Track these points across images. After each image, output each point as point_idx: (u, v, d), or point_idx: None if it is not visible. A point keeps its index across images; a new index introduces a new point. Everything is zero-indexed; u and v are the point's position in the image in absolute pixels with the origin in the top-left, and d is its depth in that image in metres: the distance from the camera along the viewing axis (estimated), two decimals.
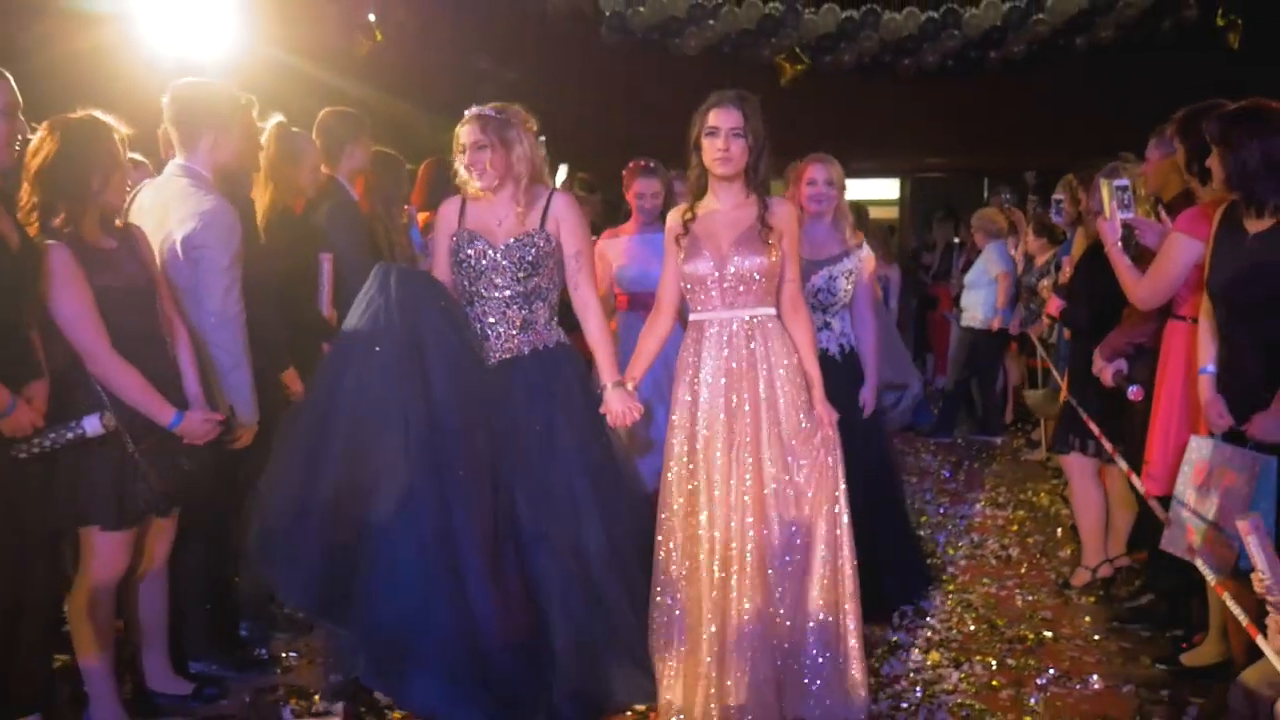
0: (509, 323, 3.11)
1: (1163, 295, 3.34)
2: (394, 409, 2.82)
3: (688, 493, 3.06)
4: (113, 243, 2.82)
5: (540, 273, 3.11)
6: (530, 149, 3.12)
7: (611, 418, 3.13)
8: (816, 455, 3.03)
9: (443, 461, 2.85)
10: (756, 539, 2.96)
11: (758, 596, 2.94)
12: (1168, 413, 3.36)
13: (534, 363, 3.11)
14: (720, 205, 3.11)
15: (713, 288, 3.06)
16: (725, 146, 3.00)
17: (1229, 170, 2.96)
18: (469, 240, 3.10)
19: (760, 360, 3.05)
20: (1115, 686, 3.28)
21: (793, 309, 3.14)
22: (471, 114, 3.09)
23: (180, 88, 3.24)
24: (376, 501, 2.79)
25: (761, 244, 3.04)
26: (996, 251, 7.17)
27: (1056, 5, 10.74)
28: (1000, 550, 4.70)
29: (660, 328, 3.23)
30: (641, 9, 11.34)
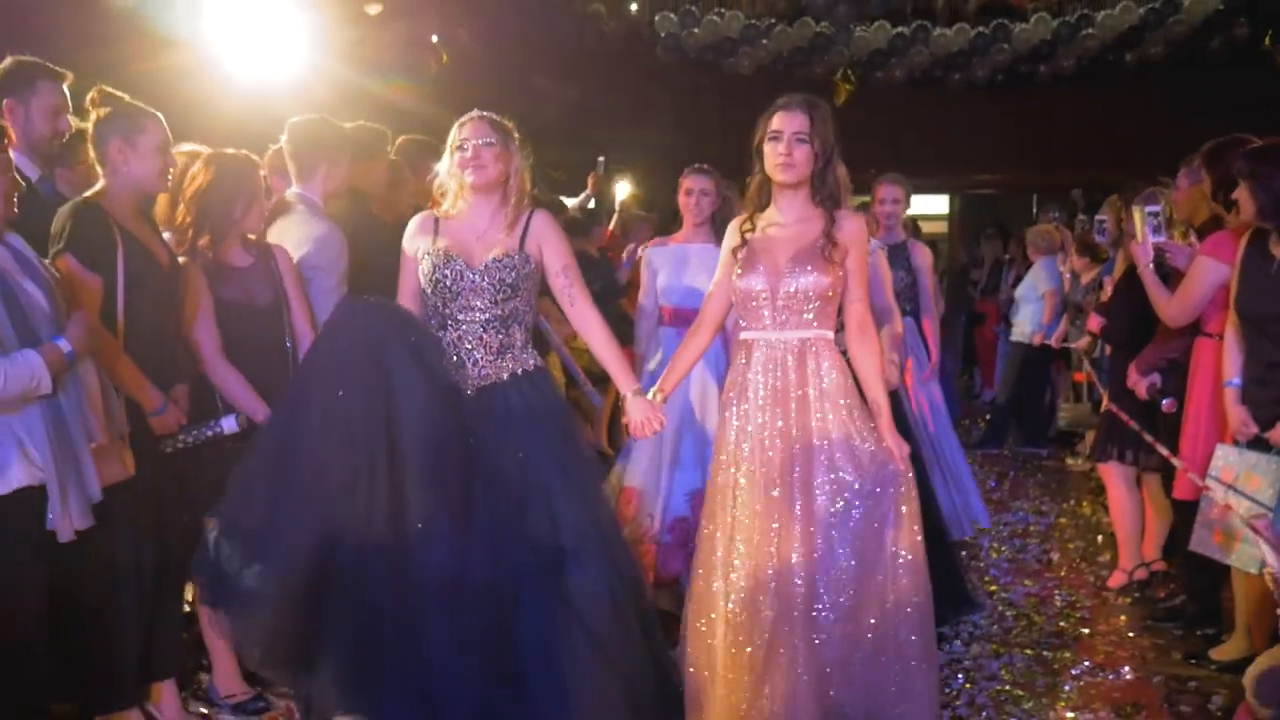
0: (486, 347, 2.94)
1: (1191, 313, 3.59)
2: (359, 460, 2.63)
3: (723, 532, 2.87)
4: (249, 260, 3.18)
5: (519, 295, 2.96)
6: (523, 169, 3.02)
7: (633, 427, 2.97)
8: (880, 491, 2.74)
9: (407, 510, 2.65)
10: (789, 598, 2.71)
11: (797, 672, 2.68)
12: (1196, 422, 3.61)
13: (513, 388, 2.95)
14: (783, 218, 2.90)
15: (764, 306, 2.85)
16: (788, 151, 2.79)
17: (1260, 201, 3.22)
18: (445, 260, 2.92)
19: (812, 387, 2.82)
20: (1146, 678, 3.51)
21: (860, 331, 2.90)
22: (475, 114, 2.99)
23: (295, 124, 3.61)
24: (339, 554, 2.62)
25: (823, 261, 2.81)
26: (1046, 268, 7.37)
27: (1107, 21, 10.84)
28: (1042, 554, 4.93)
29: (699, 342, 3.05)
30: (696, 30, 11.64)
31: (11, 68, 3.05)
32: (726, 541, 2.84)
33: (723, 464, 2.91)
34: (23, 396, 2.34)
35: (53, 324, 2.43)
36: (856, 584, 2.71)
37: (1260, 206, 3.24)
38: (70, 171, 3.18)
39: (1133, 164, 7.79)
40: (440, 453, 2.72)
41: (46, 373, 2.35)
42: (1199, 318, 3.63)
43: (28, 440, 2.36)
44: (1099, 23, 10.83)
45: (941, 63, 11.20)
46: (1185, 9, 10.69)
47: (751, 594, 2.75)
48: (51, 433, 2.39)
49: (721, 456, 2.93)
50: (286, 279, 3.24)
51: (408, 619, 2.63)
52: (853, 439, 2.78)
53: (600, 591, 2.82)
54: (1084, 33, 10.83)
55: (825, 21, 11.06)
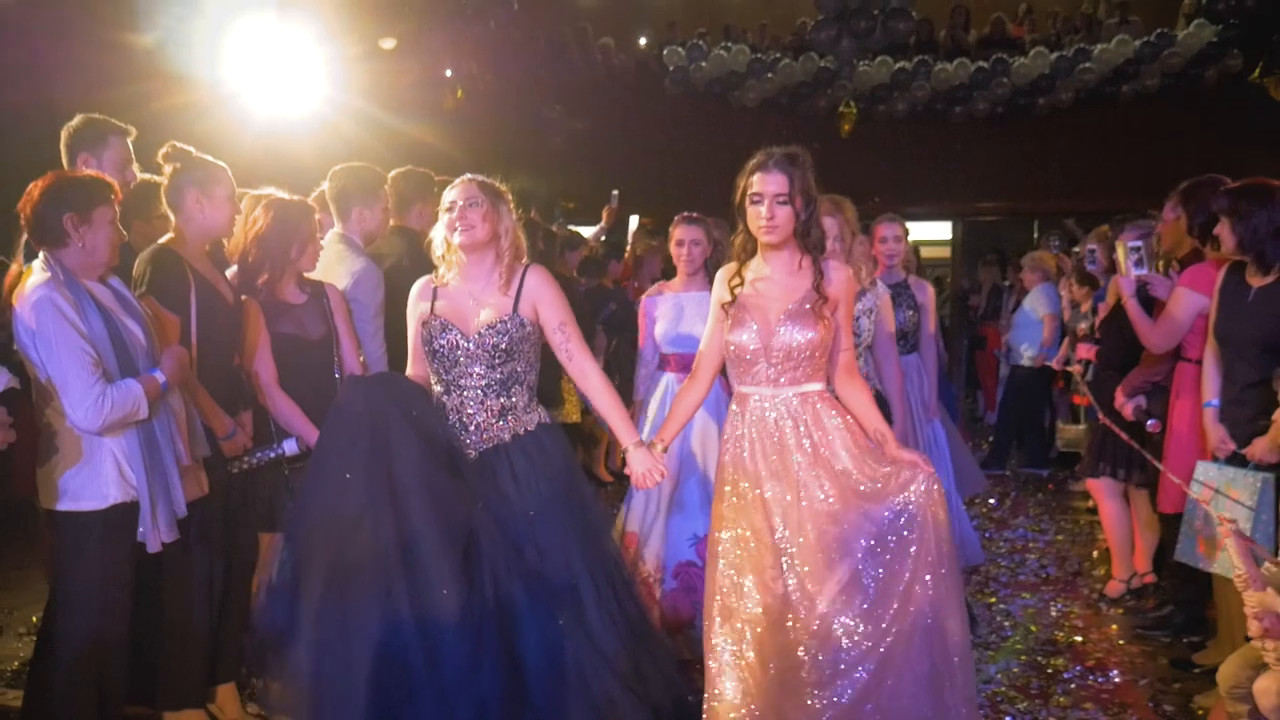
0: (488, 411, 2.98)
1: (1172, 340, 3.87)
2: (366, 540, 2.68)
3: (728, 577, 2.85)
4: (303, 297, 3.47)
5: (515, 358, 2.99)
6: (515, 229, 3.06)
7: (635, 479, 2.98)
8: (900, 501, 2.73)
9: (419, 585, 2.68)
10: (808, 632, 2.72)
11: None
12: (1178, 441, 3.87)
13: (517, 449, 2.98)
14: (771, 272, 2.91)
15: (757, 361, 2.86)
16: (770, 215, 2.81)
17: (1240, 235, 3.50)
18: (441, 330, 2.98)
19: (813, 438, 2.83)
20: (1133, 681, 3.76)
21: (848, 378, 2.96)
22: (466, 178, 3.04)
23: (336, 172, 3.93)
24: (357, 635, 2.66)
25: (814, 317, 2.83)
26: (1045, 293, 7.63)
27: (1103, 54, 11.17)
28: (1039, 569, 5.18)
29: (696, 393, 3.06)
30: (703, 64, 11.98)
31: (83, 125, 3.35)
32: (737, 597, 2.81)
33: (726, 522, 2.88)
34: (123, 421, 2.62)
35: (148, 357, 2.73)
36: (888, 612, 2.68)
37: (1239, 240, 3.51)
38: (147, 225, 3.46)
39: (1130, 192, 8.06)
40: (448, 518, 2.74)
41: (145, 401, 2.64)
42: (1180, 344, 3.91)
43: (124, 460, 2.65)
44: (1096, 56, 11.18)
45: (943, 96, 11.53)
46: (1180, 42, 11.02)
47: (778, 644, 2.74)
48: (145, 454, 2.67)
49: (722, 510, 2.90)
50: (337, 315, 3.52)
51: (433, 688, 2.65)
52: (865, 456, 2.80)
53: (616, 649, 2.86)
54: (1081, 66, 11.17)
55: (829, 56, 11.38)
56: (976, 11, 12.39)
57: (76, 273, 2.66)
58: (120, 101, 6.71)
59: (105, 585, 2.68)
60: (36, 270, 2.65)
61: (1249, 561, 2.88)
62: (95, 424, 2.59)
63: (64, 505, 2.64)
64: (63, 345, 2.56)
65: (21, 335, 2.60)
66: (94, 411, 2.57)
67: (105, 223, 2.69)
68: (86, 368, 2.58)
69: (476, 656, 2.70)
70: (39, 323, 2.56)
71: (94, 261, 2.70)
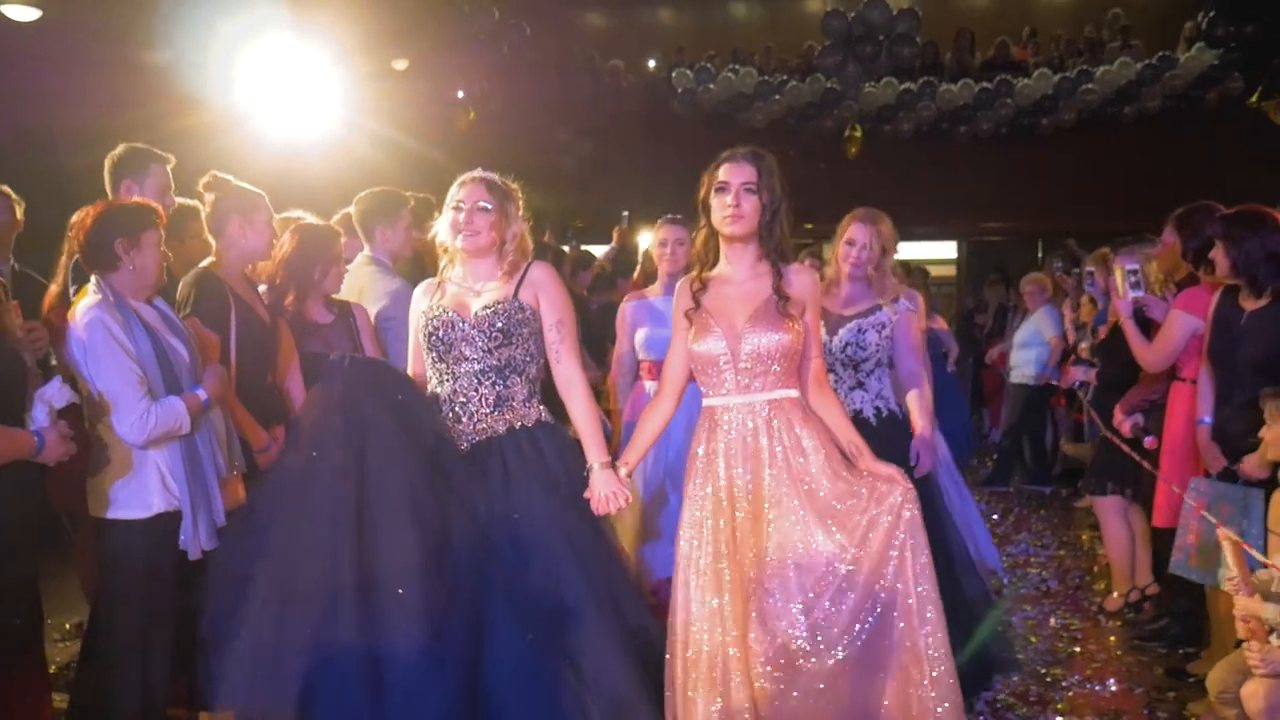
0: (482, 399, 2.87)
1: (1166, 360, 4.01)
2: (324, 524, 2.59)
3: (694, 600, 2.71)
4: (330, 317, 3.63)
5: (514, 342, 2.87)
6: (523, 232, 2.98)
7: (595, 503, 2.82)
8: (874, 516, 2.63)
9: (375, 579, 2.57)
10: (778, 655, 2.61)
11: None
12: (1171, 457, 4.01)
13: (511, 443, 2.85)
14: (733, 274, 2.82)
15: (726, 369, 2.75)
16: (736, 203, 2.71)
17: (1233, 259, 3.65)
18: (439, 315, 2.90)
19: (784, 444, 2.72)
20: (1129, 689, 3.88)
21: (818, 387, 2.86)
22: (476, 174, 2.94)
23: (360, 197, 4.11)
24: (306, 622, 2.56)
25: (780, 318, 2.74)
26: (1049, 314, 7.78)
27: (1106, 76, 11.34)
28: (1040, 582, 5.31)
29: (662, 410, 2.93)
30: (711, 85, 12.18)
31: (126, 154, 3.53)
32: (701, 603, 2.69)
33: (685, 524, 2.77)
34: (168, 436, 2.78)
35: (192, 375, 2.89)
36: (866, 632, 2.61)
37: (1233, 264, 3.66)
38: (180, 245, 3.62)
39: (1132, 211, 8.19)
40: (413, 515, 2.61)
41: (188, 417, 2.80)
42: (1175, 364, 4.05)
43: (167, 472, 2.80)
44: (1098, 78, 11.35)
45: (948, 116, 11.71)
46: (1181, 64, 11.18)
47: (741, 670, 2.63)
48: (187, 466, 2.83)
49: (686, 517, 2.78)
50: (363, 334, 3.68)
51: (380, 689, 2.53)
52: (840, 476, 2.69)
53: (611, 651, 2.71)
54: (1084, 87, 11.34)
55: (835, 78, 11.56)
56: (980, 34, 12.58)
57: (125, 294, 2.83)
58: (135, 122, 6.64)
59: (150, 590, 2.82)
60: (89, 292, 2.82)
61: (1243, 566, 3.02)
62: (141, 438, 2.75)
63: (112, 513, 2.80)
64: (112, 364, 2.72)
65: (74, 353, 2.77)
66: (140, 426, 2.73)
67: (153, 247, 2.86)
68: (134, 385, 2.73)
69: (432, 680, 2.54)
70: (90, 342, 2.72)
71: (142, 284, 2.87)
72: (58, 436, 2.57)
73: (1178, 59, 11.20)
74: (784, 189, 2.78)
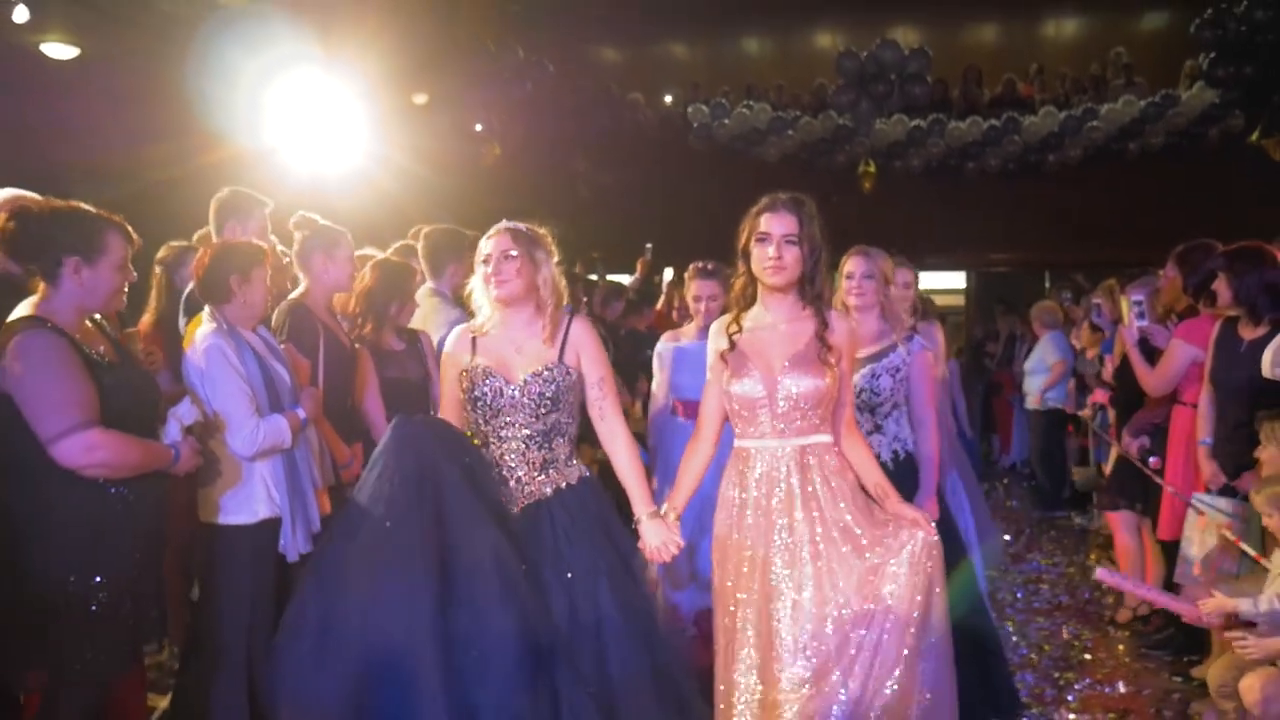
0: (530, 464, 2.91)
1: (1168, 386, 4.34)
2: (405, 595, 2.56)
3: (731, 640, 2.79)
4: (402, 345, 3.96)
5: (560, 408, 2.92)
6: (555, 275, 2.99)
7: (649, 552, 2.89)
8: (894, 570, 2.65)
9: (458, 641, 2.55)
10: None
11: None
12: (1174, 475, 4.32)
13: (559, 504, 2.89)
14: (772, 318, 2.84)
15: (762, 412, 2.77)
16: (778, 255, 2.74)
17: (1235, 291, 3.99)
18: (484, 377, 2.90)
19: (816, 489, 2.75)
20: (1136, 691, 4.18)
21: (849, 432, 2.90)
22: (501, 226, 2.96)
23: (428, 232, 4.45)
24: (388, 696, 2.52)
25: (819, 364, 2.76)
26: (1054, 341, 8.10)
27: (1110, 113, 11.67)
28: (1052, 597, 5.61)
29: (701, 454, 2.95)
30: (727, 120, 12.56)
31: (230, 197, 3.88)
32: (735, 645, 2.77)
33: (728, 591, 2.81)
34: (272, 450, 3.10)
35: (292, 395, 3.22)
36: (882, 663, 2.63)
37: (1235, 295, 4.00)
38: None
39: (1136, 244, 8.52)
40: (499, 574, 2.62)
41: (289, 433, 3.12)
42: (1176, 389, 4.37)
43: (271, 483, 3.12)
44: (1103, 115, 11.68)
45: (957, 152, 12.02)
46: (1183, 102, 11.50)
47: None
48: (288, 477, 3.14)
49: (727, 583, 2.82)
50: (429, 359, 4.00)
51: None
52: (872, 523, 2.73)
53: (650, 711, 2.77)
54: (1089, 124, 11.67)
55: (847, 115, 11.93)
56: (988, 72, 12.93)
57: (236, 324, 3.16)
58: (161, 157, 6.87)
59: (254, 590, 3.13)
60: (203, 321, 3.15)
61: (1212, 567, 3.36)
62: (250, 451, 3.07)
63: (222, 519, 3.11)
64: (226, 385, 3.05)
65: (191, 375, 3.09)
66: (250, 441, 3.05)
67: (261, 282, 3.20)
68: (245, 404, 3.06)
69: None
70: (207, 365, 3.05)
71: (251, 314, 3.20)
72: (190, 450, 2.88)
73: (1180, 97, 11.50)
74: (824, 235, 2.81)
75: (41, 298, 2.60)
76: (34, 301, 2.60)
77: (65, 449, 2.49)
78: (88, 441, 2.50)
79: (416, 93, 11.01)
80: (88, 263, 2.60)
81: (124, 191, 4.53)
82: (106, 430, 2.54)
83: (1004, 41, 14.49)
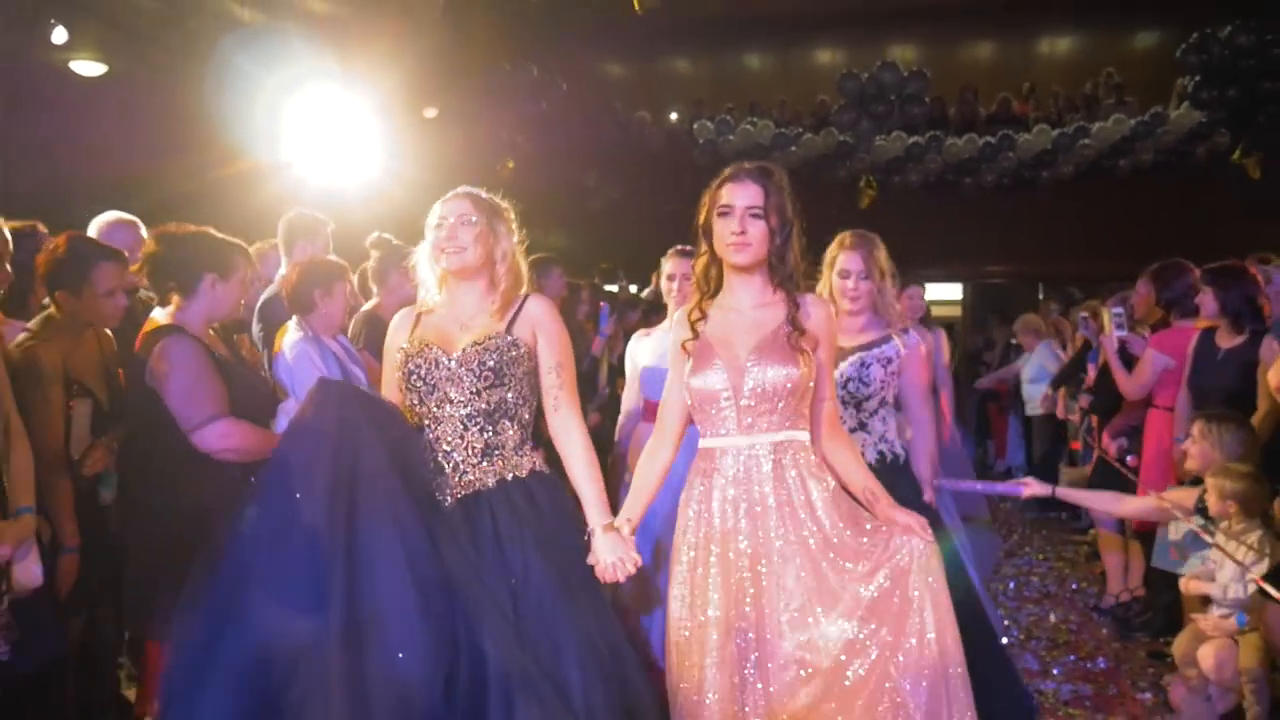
0: (469, 449, 2.54)
1: (1142, 391, 4.78)
2: (313, 572, 2.24)
3: (689, 668, 2.48)
4: None
5: (506, 383, 2.55)
6: (515, 254, 2.66)
7: (600, 569, 2.50)
8: (883, 586, 2.36)
9: (367, 637, 2.22)
10: None
11: None
12: (1148, 471, 4.76)
13: (501, 497, 2.52)
14: (738, 303, 2.56)
15: (727, 406, 2.48)
16: (741, 229, 2.44)
17: (1221, 303, 4.42)
18: (418, 350, 2.58)
19: (790, 495, 2.45)
20: (1116, 666, 4.61)
21: (831, 430, 2.60)
22: (461, 190, 2.65)
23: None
24: (287, 682, 2.20)
25: (789, 351, 2.46)
26: (1048, 350, 8.56)
27: (1101, 131, 12.08)
28: (1041, 586, 6.04)
29: (661, 457, 2.64)
30: (731, 136, 13.00)
31: (298, 219, 4.30)
32: (688, 668, 2.49)
33: (676, 582, 2.55)
34: None
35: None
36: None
37: (1221, 306, 4.44)
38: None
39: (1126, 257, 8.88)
40: (411, 564, 2.29)
41: None
42: (1151, 394, 4.81)
43: None
44: (1094, 133, 12.10)
45: (954, 168, 12.44)
46: (1172, 121, 11.93)
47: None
48: None
49: (677, 572, 2.55)
50: None
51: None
52: (858, 531, 2.44)
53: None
54: (1081, 142, 12.09)
55: (848, 132, 12.37)
56: (984, 91, 13.34)
57: (318, 331, 3.60)
58: (179, 170, 7.00)
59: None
60: (291, 330, 3.59)
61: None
62: None
63: None
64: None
65: (282, 376, 3.52)
66: None
67: (341, 295, 3.63)
68: None
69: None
70: (296, 367, 3.49)
71: (332, 323, 3.64)
72: None
73: (1168, 115, 11.93)
74: (795, 208, 2.52)
75: (176, 308, 3.03)
76: (170, 312, 3.03)
77: (204, 436, 2.91)
78: (221, 430, 2.92)
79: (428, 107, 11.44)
80: (222, 279, 3.03)
81: (145, 203, 4.86)
82: (236, 420, 2.97)
83: (999, 59, 14.88)
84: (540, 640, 2.40)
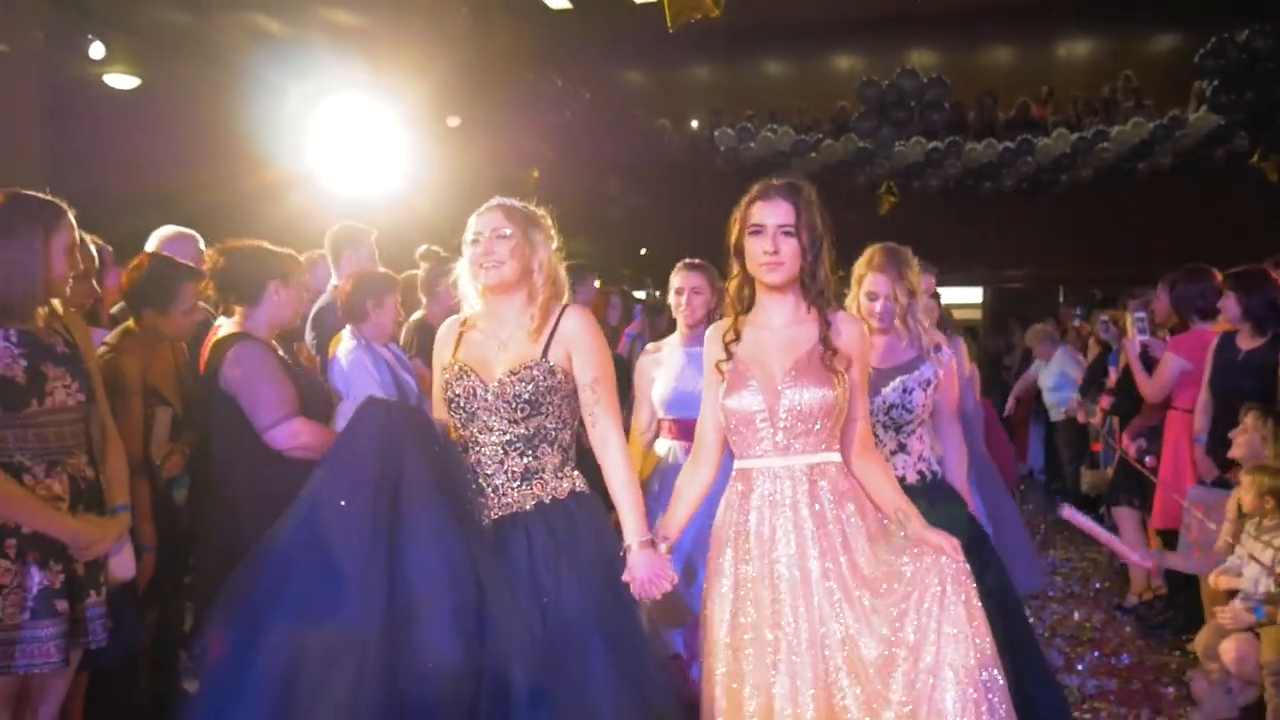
0: (508, 473, 2.56)
1: (1161, 393, 4.90)
2: (353, 589, 2.31)
3: (731, 693, 2.45)
4: None
5: (543, 411, 2.56)
6: (552, 262, 2.64)
7: (635, 587, 2.52)
8: (914, 609, 2.34)
9: (402, 652, 2.30)
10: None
11: None
12: (1168, 472, 4.88)
13: (539, 519, 2.54)
14: (772, 322, 2.56)
15: (763, 427, 2.49)
16: (774, 248, 2.46)
17: (1244, 306, 4.54)
18: (458, 376, 2.60)
19: (827, 517, 2.46)
20: (1139, 662, 4.73)
21: (863, 452, 2.59)
22: (494, 202, 2.63)
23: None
24: (322, 690, 2.26)
25: (825, 372, 2.48)
26: (1067, 355, 8.67)
27: (1120, 135, 12.17)
28: (1065, 586, 6.16)
29: (701, 475, 2.65)
30: (752, 144, 13.15)
31: (343, 231, 4.47)
32: (730, 693, 2.46)
33: (714, 608, 2.52)
34: None
35: (417, 400, 3.82)
36: None
37: (1243, 310, 4.56)
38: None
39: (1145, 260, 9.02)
40: (451, 580, 2.35)
41: None
42: (1170, 396, 4.93)
43: None
44: (1113, 137, 12.19)
45: (973, 173, 12.57)
46: (1190, 124, 11.98)
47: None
48: None
49: (714, 599, 2.52)
50: None
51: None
52: (888, 568, 2.42)
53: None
54: (1100, 146, 12.17)
55: (869, 139, 12.49)
56: (1003, 95, 13.44)
57: (370, 339, 3.77)
58: (206, 179, 7.15)
59: None
60: (345, 338, 3.76)
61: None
62: None
63: None
64: (365, 389, 3.63)
65: (337, 382, 3.69)
66: None
67: (392, 306, 3.80)
68: None
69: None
70: (350, 373, 3.66)
71: (383, 332, 3.81)
72: None
73: (1187, 119, 11.96)
74: (825, 223, 2.54)
75: (243, 317, 3.21)
76: (236, 320, 3.21)
77: (277, 435, 3.08)
78: (292, 429, 3.09)
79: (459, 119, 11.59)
80: (285, 285, 3.21)
81: (176, 213, 5.03)
82: (306, 420, 3.14)
83: (1017, 64, 14.91)
84: (570, 662, 2.41)
